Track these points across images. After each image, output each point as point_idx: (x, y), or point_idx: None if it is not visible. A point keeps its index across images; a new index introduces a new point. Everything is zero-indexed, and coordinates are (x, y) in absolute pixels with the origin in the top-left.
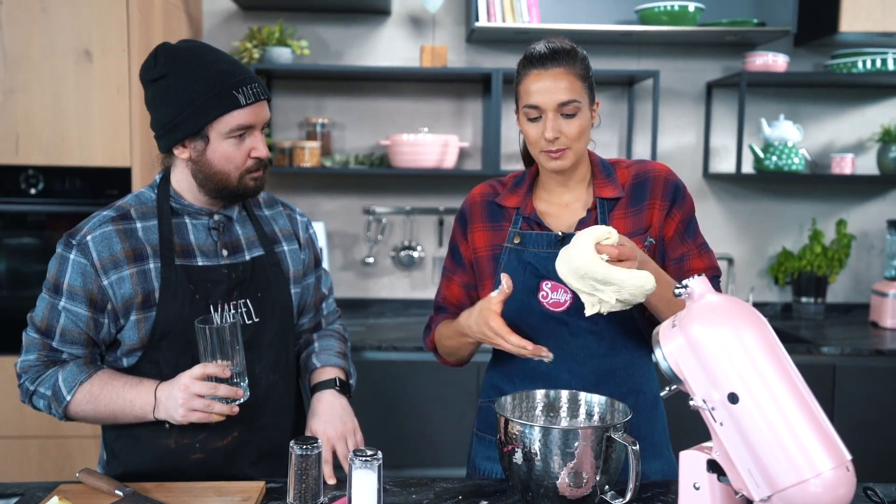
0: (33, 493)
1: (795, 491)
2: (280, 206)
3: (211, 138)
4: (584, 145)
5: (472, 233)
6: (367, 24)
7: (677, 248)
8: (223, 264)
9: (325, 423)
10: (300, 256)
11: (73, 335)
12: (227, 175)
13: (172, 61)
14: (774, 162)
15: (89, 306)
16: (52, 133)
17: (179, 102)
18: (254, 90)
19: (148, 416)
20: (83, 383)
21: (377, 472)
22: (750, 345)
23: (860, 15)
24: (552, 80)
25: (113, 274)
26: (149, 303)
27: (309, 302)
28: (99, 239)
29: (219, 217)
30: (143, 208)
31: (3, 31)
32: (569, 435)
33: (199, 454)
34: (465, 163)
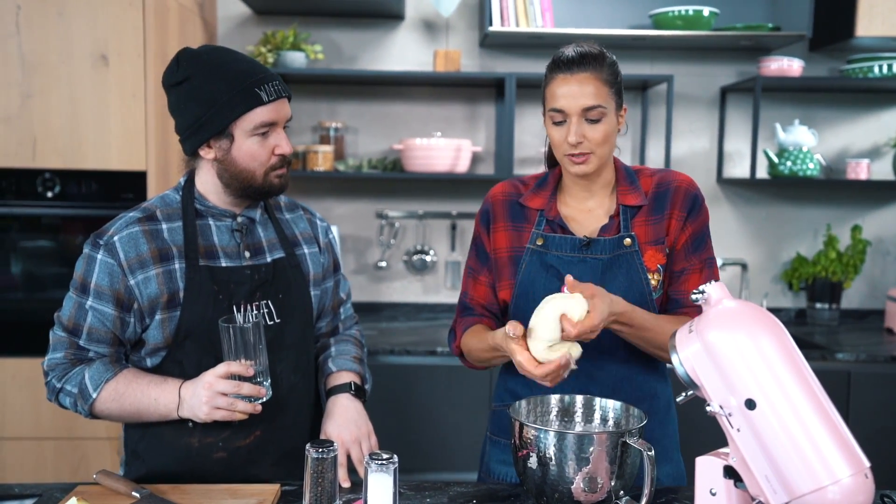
0: (51, 494)
1: (813, 498)
2: (300, 210)
3: (236, 136)
4: (608, 151)
5: (495, 232)
6: (381, 29)
7: (681, 261)
8: (246, 265)
9: (340, 426)
10: (320, 260)
11: (99, 334)
12: (252, 172)
13: (194, 64)
14: (789, 167)
15: (116, 305)
16: (69, 137)
17: (203, 103)
18: (275, 87)
19: (172, 415)
20: (109, 381)
21: (393, 475)
22: (767, 350)
23: (876, 19)
24: (578, 84)
25: (139, 274)
26: (174, 303)
27: (327, 306)
28: (126, 239)
29: (242, 219)
30: (168, 210)
31: (20, 36)
32: (584, 440)
33: (222, 453)
34: (477, 167)
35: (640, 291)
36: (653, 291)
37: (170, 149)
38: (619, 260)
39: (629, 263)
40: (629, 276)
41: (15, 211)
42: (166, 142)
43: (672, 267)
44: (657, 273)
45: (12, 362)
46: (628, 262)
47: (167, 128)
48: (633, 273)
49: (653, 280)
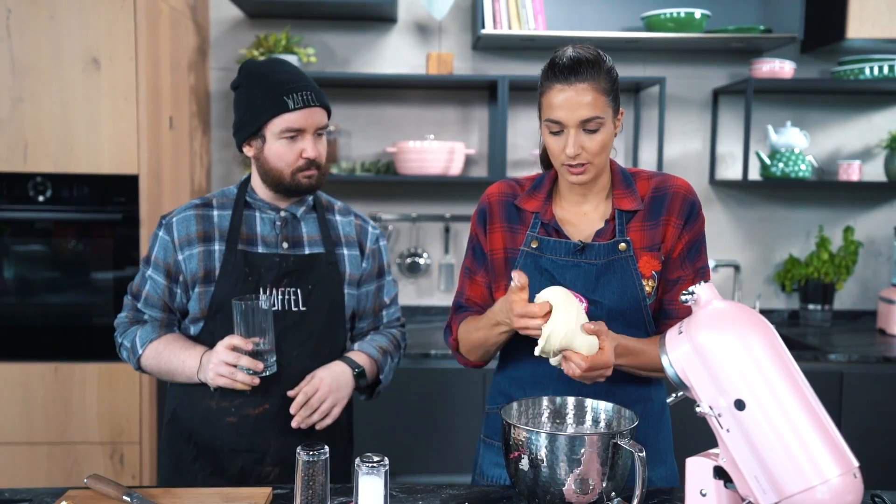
0: (42, 499)
1: (802, 498)
2: (353, 215)
3: (267, 138)
4: (605, 159)
5: (492, 232)
6: (374, 32)
7: (676, 270)
8: (278, 253)
9: (328, 374)
10: (360, 263)
11: (153, 300)
12: (280, 171)
13: (247, 73)
14: (781, 169)
15: (166, 276)
16: (60, 141)
17: (245, 106)
18: (304, 97)
19: (194, 377)
20: (153, 341)
21: (384, 478)
22: (756, 351)
23: (867, 21)
24: (575, 95)
25: (186, 250)
26: (209, 279)
27: (368, 308)
28: (181, 220)
29: (285, 214)
30: (224, 199)
31: (11, 39)
32: (575, 441)
33: (233, 418)
34: (470, 170)
35: (634, 297)
36: (647, 298)
37: (162, 152)
38: (614, 265)
39: (623, 269)
40: (623, 281)
41: (6, 215)
42: (158, 145)
43: (667, 275)
44: (651, 279)
45: (5, 367)
46: (623, 268)
47: (159, 131)
48: (627, 279)
49: (647, 286)
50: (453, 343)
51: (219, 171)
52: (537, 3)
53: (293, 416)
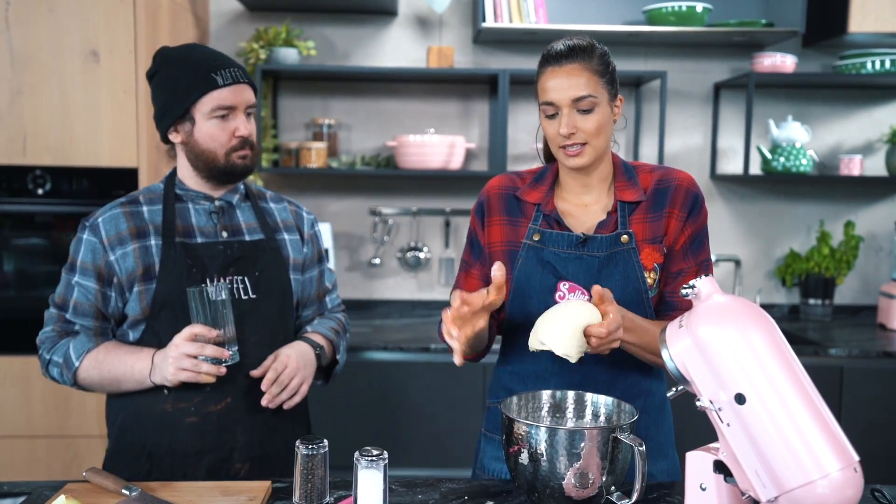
0: (41, 492)
1: (803, 492)
2: (286, 202)
3: (196, 119)
4: (603, 142)
5: (490, 226)
6: (374, 25)
7: (678, 262)
8: (220, 241)
9: (293, 352)
10: (301, 248)
11: (83, 307)
12: (214, 153)
13: (165, 58)
14: (782, 163)
15: (98, 280)
16: (60, 134)
17: (168, 90)
18: (232, 73)
19: (146, 381)
20: (90, 351)
21: (383, 471)
22: (757, 345)
23: (869, 16)
24: (567, 76)
25: (119, 250)
26: (149, 275)
27: (312, 295)
28: (108, 220)
29: (219, 202)
30: (150, 195)
31: (10, 32)
32: (575, 435)
33: (194, 418)
34: (471, 164)
35: (637, 290)
36: (649, 290)
37: (161, 145)
38: (616, 257)
39: (626, 261)
40: (625, 273)
41: (6, 208)
42: (157, 138)
43: (669, 267)
44: (653, 272)
45: (4, 360)
46: (625, 260)
47: None
48: (629, 271)
49: (649, 279)
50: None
51: None
52: None
53: (259, 403)
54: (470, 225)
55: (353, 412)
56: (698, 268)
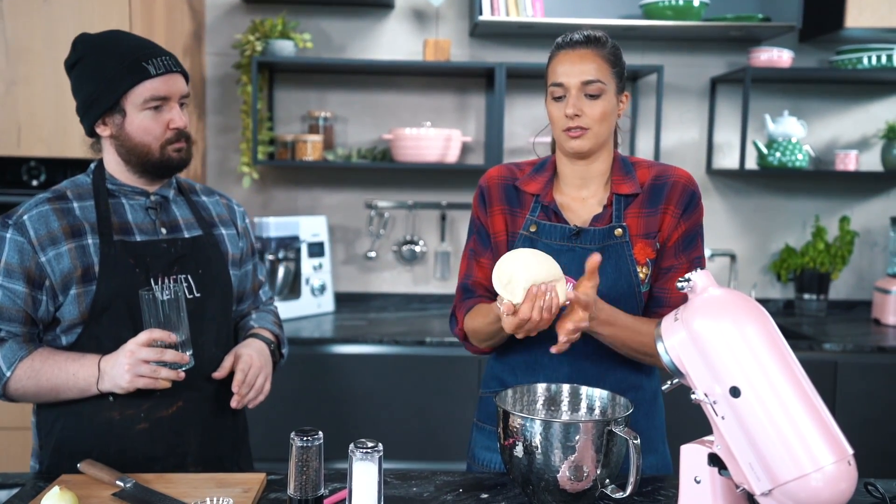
0: (34, 484)
1: (796, 485)
2: (217, 195)
3: (128, 111)
4: (605, 131)
5: (492, 215)
6: (370, 18)
7: (670, 259)
8: (162, 239)
9: (254, 352)
10: (238, 242)
11: (10, 313)
12: (147, 147)
13: (87, 45)
14: (778, 158)
15: (27, 283)
16: (54, 125)
17: (94, 80)
18: (164, 62)
19: (91, 389)
20: (24, 359)
21: (378, 464)
22: (752, 338)
23: (866, 10)
24: (579, 59)
25: (51, 250)
26: (88, 276)
27: (248, 289)
28: (36, 217)
29: (155, 197)
30: (78, 190)
31: (4, 22)
32: (570, 428)
33: (144, 424)
34: (467, 157)
35: (629, 283)
36: (641, 284)
37: None
38: (609, 250)
39: (619, 254)
40: (618, 267)
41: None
42: None
43: (660, 263)
44: (646, 266)
45: None
46: (618, 253)
47: None
48: (622, 264)
49: (641, 273)
50: (460, 333)
51: (214, 157)
52: None
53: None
54: (473, 214)
55: (348, 405)
56: (689, 265)
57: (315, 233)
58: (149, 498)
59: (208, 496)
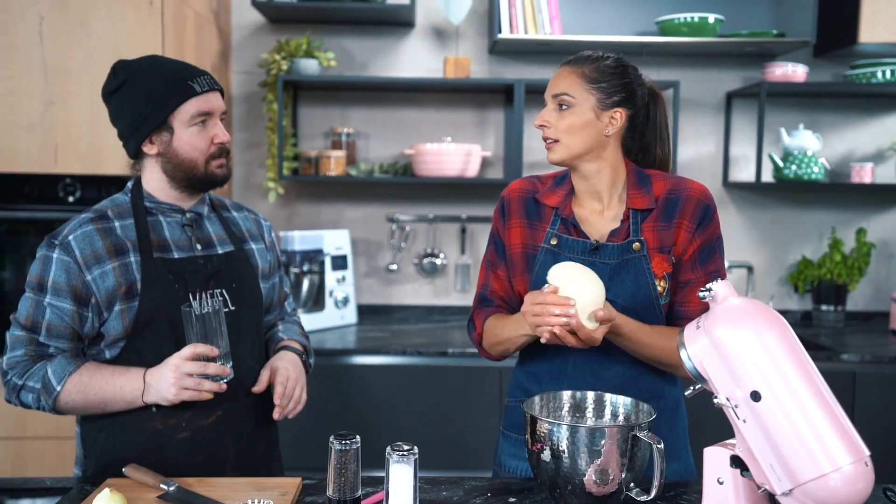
0: (81, 488)
1: (816, 485)
2: (246, 210)
3: (175, 128)
4: (578, 144)
5: (510, 228)
6: (392, 36)
7: (687, 273)
8: (199, 256)
9: (289, 364)
10: (266, 256)
11: (58, 329)
12: (194, 162)
13: (130, 70)
14: (794, 171)
15: (74, 301)
16: (89, 143)
17: (142, 101)
18: (206, 80)
19: (137, 402)
20: (72, 374)
21: (413, 466)
22: (772, 345)
23: (879, 25)
24: (557, 76)
25: (96, 269)
26: (131, 293)
27: (275, 300)
28: (80, 237)
29: (191, 214)
30: (118, 209)
31: (44, 45)
32: (596, 433)
33: (186, 433)
34: (486, 171)
35: (647, 296)
36: (659, 297)
37: None
38: (628, 265)
39: (637, 268)
40: (636, 280)
41: (38, 215)
42: None
43: (678, 277)
44: (664, 280)
45: None
46: (636, 267)
47: None
48: (640, 278)
49: (659, 286)
50: (476, 338)
51: (241, 173)
52: (553, 8)
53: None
54: (493, 226)
55: (371, 414)
56: (707, 278)
57: (338, 246)
58: (192, 500)
59: (248, 499)
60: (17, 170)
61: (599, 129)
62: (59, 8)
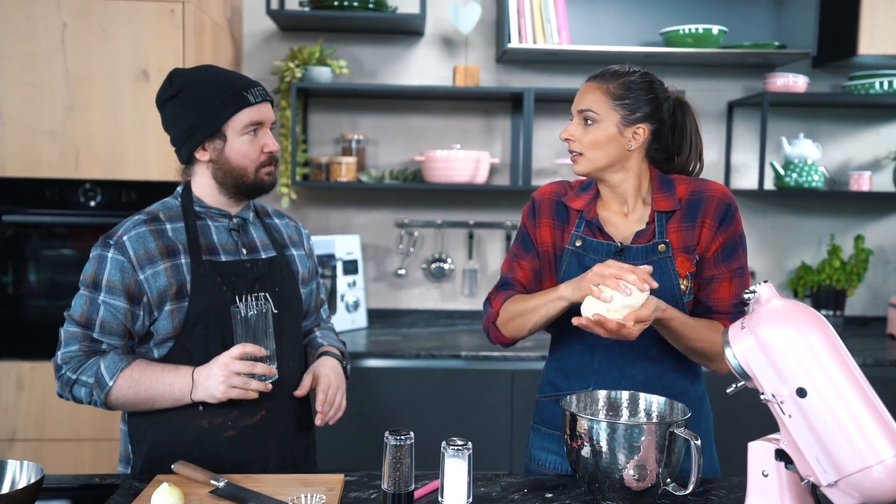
0: (130, 484)
1: (860, 476)
2: (287, 218)
3: (228, 136)
4: (602, 157)
5: (540, 227)
6: (402, 45)
7: (711, 269)
8: (245, 259)
9: (331, 371)
10: (306, 262)
11: (111, 326)
12: (244, 169)
13: (186, 79)
14: (794, 179)
15: (127, 299)
16: (110, 149)
17: (197, 108)
18: (259, 91)
19: (185, 399)
20: (124, 370)
21: (468, 461)
22: (815, 344)
23: (877, 39)
24: (584, 91)
25: (149, 269)
26: (181, 294)
27: (312, 306)
28: (135, 238)
29: (237, 219)
30: (170, 212)
31: (66, 52)
32: (634, 430)
33: (231, 432)
34: (492, 178)
35: (672, 295)
36: (683, 296)
37: None
38: (653, 265)
39: (662, 268)
40: (662, 280)
41: (59, 220)
42: None
43: (702, 274)
44: (686, 279)
45: None
46: (661, 267)
47: None
48: (665, 278)
49: (683, 285)
50: (493, 314)
51: None
52: (561, 19)
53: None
54: (521, 223)
55: (388, 415)
56: (732, 275)
57: (349, 251)
58: (244, 496)
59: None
60: (39, 175)
61: (622, 143)
62: (82, 16)
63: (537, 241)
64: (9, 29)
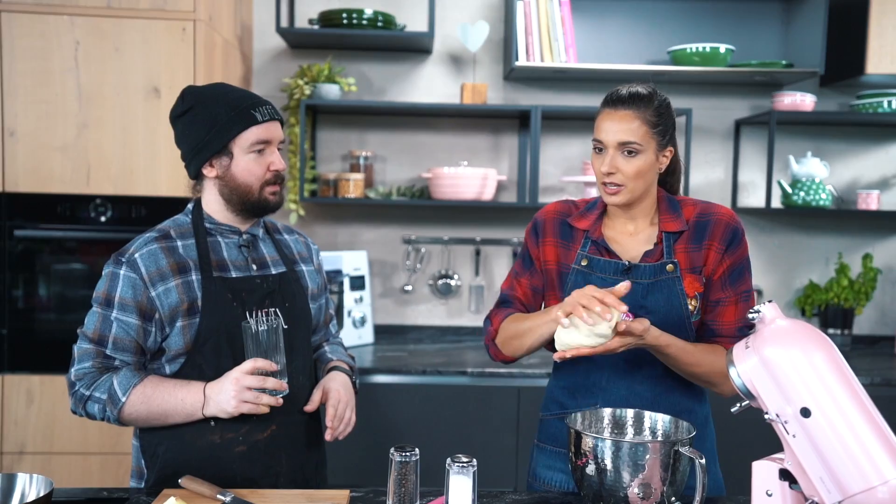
0: (138, 498)
1: (864, 497)
2: (297, 234)
3: (235, 154)
4: (642, 186)
5: (544, 245)
6: (409, 62)
7: (717, 292)
8: (255, 275)
9: (341, 386)
10: (316, 278)
11: (124, 343)
12: (249, 187)
13: (197, 96)
14: (802, 197)
15: (139, 316)
16: (121, 165)
17: (206, 125)
18: (268, 110)
19: (197, 414)
20: (136, 386)
21: (472, 478)
22: (819, 364)
23: (885, 58)
24: (619, 120)
25: (160, 286)
26: (193, 310)
27: (321, 321)
28: (146, 255)
29: (247, 236)
30: (180, 229)
31: (79, 69)
32: (639, 449)
33: (242, 447)
34: (499, 195)
35: (679, 315)
36: (690, 316)
37: None
38: (660, 284)
39: (670, 288)
40: (669, 300)
41: (70, 234)
42: None
43: (708, 296)
44: (695, 299)
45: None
46: (669, 287)
47: None
48: (672, 298)
49: (690, 305)
50: (492, 332)
51: None
52: (569, 37)
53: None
54: (524, 242)
55: (394, 431)
56: (738, 298)
57: (357, 267)
58: None
59: None
60: (51, 190)
61: (656, 168)
62: (95, 34)
63: (540, 259)
64: (23, 47)
